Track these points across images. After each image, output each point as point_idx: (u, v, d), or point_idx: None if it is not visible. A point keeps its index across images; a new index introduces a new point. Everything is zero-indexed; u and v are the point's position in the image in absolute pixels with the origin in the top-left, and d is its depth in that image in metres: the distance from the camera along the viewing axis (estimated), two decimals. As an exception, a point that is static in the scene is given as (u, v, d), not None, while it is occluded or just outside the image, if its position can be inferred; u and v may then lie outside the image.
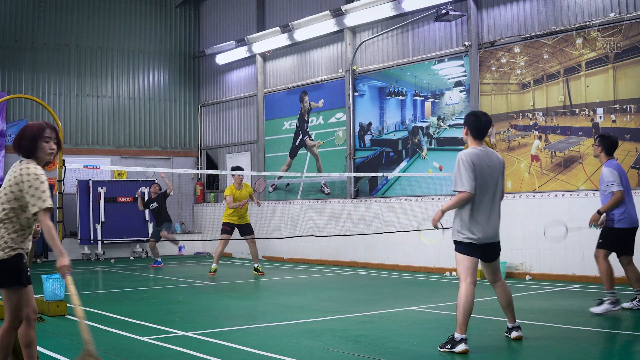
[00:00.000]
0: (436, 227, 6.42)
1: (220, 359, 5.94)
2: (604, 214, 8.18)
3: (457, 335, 6.16)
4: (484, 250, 6.35)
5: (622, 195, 7.97)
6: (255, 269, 13.44)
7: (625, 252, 8.22)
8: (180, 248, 15.80)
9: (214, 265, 13.33)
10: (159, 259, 15.63)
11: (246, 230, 13.44)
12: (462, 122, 13.25)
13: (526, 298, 9.54)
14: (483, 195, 6.22)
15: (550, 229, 9.24)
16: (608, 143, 8.25)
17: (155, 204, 15.57)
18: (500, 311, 8.36)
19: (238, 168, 13.59)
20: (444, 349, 6.19)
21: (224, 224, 13.40)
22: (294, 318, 8.14)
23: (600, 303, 8.04)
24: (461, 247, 6.29)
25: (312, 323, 7.78)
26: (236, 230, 13.46)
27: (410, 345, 6.49)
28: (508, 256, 12.20)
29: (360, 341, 6.66)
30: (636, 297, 8.22)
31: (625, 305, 8.20)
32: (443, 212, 6.35)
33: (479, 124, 6.35)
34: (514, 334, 6.58)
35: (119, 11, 19.45)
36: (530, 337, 6.72)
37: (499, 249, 6.47)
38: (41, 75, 18.29)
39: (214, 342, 6.70)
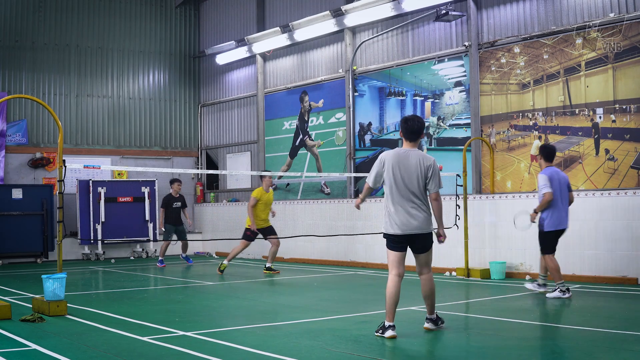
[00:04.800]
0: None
1: (220, 359, 5.94)
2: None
3: (387, 323, 6.76)
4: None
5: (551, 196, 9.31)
6: (269, 268, 13.46)
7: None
8: (187, 260, 15.70)
9: (225, 263, 13.44)
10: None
11: (270, 231, 13.49)
12: (461, 122, 13.36)
13: (525, 298, 9.55)
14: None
15: (519, 218, 10.45)
16: (545, 152, 9.69)
17: (179, 204, 15.43)
18: (500, 311, 8.39)
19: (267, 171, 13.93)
20: None
21: (250, 230, 13.33)
22: (294, 318, 8.14)
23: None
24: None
25: (312, 323, 7.78)
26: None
27: (410, 345, 6.49)
28: (508, 256, 12.21)
29: (360, 341, 6.66)
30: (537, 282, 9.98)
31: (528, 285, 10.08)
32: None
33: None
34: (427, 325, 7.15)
35: (119, 11, 19.45)
36: (530, 337, 6.73)
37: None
38: (41, 75, 18.29)
39: (214, 342, 6.70)
